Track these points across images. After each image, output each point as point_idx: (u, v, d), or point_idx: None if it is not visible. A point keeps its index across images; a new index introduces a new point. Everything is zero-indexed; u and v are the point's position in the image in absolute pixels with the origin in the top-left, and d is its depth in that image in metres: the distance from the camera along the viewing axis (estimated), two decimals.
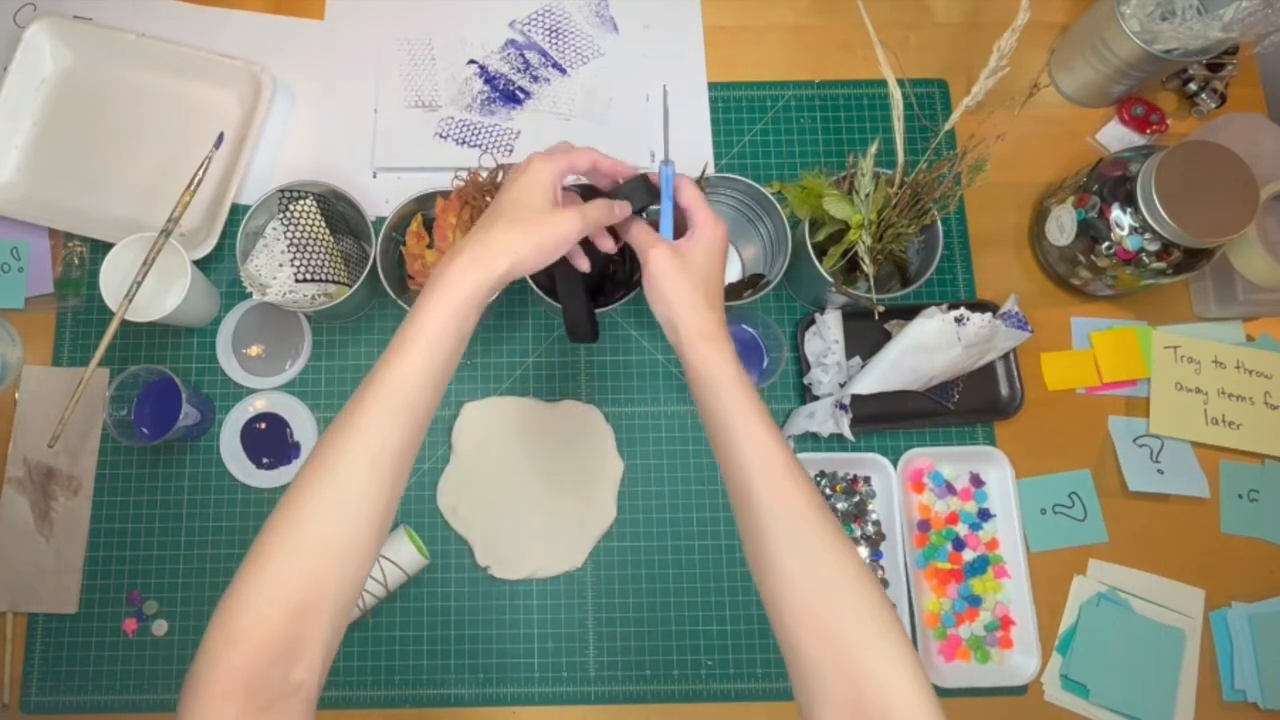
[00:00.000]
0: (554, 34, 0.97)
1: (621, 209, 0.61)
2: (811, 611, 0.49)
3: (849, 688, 0.47)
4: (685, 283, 0.58)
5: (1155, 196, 0.76)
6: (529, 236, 0.55)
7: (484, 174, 0.77)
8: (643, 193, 0.62)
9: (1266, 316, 0.91)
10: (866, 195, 0.77)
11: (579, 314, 0.70)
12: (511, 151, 0.93)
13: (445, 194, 0.79)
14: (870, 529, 0.85)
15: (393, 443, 0.50)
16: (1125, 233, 0.80)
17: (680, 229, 0.63)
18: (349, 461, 0.48)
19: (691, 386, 0.58)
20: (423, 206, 0.81)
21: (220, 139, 0.83)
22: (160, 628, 0.82)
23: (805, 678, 0.48)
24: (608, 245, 0.66)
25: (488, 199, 0.76)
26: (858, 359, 0.87)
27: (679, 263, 0.59)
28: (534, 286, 0.78)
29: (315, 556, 0.45)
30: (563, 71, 0.96)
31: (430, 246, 0.79)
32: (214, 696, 0.40)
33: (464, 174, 0.77)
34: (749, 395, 0.56)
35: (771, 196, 0.82)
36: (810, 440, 0.87)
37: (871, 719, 0.46)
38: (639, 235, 0.61)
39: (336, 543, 0.46)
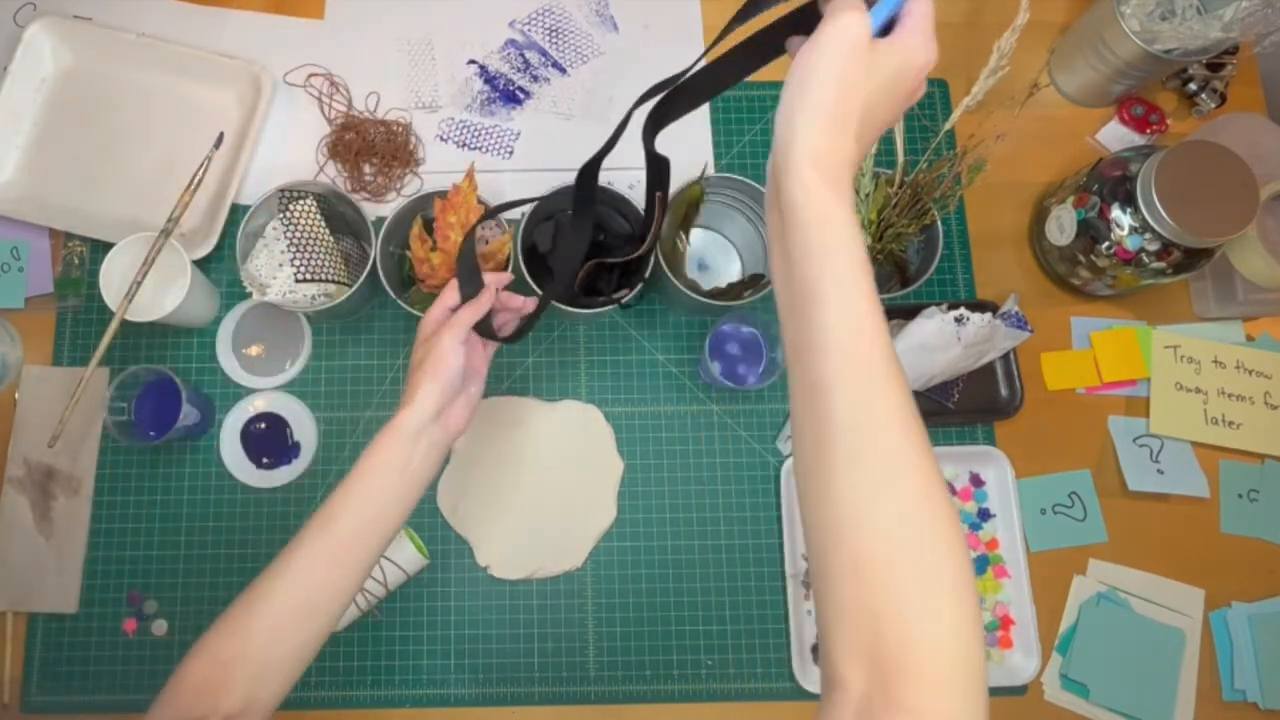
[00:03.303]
0: (554, 34, 0.97)
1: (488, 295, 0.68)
2: (854, 544, 0.41)
3: (870, 632, 0.39)
4: (850, 75, 0.44)
5: (1155, 196, 0.76)
6: (433, 375, 0.64)
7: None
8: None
9: (1266, 316, 0.91)
10: (866, 195, 0.77)
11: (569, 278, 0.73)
12: (512, 153, 0.93)
13: (443, 194, 0.79)
14: None
15: (310, 565, 0.59)
16: (1125, 233, 0.80)
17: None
18: (272, 569, 0.58)
19: (777, 234, 0.46)
20: (422, 207, 0.81)
21: (220, 139, 0.82)
22: (160, 628, 0.82)
23: (827, 617, 0.41)
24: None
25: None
26: None
27: (864, 47, 0.44)
28: (534, 287, 0.78)
29: (232, 629, 0.57)
30: (563, 71, 0.96)
31: (434, 249, 0.79)
32: (161, 703, 0.55)
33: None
34: (857, 256, 0.44)
35: None
36: None
37: (887, 673, 0.38)
38: (837, 3, 0.45)
39: (246, 622, 0.57)
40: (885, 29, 0.46)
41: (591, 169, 0.69)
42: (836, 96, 0.44)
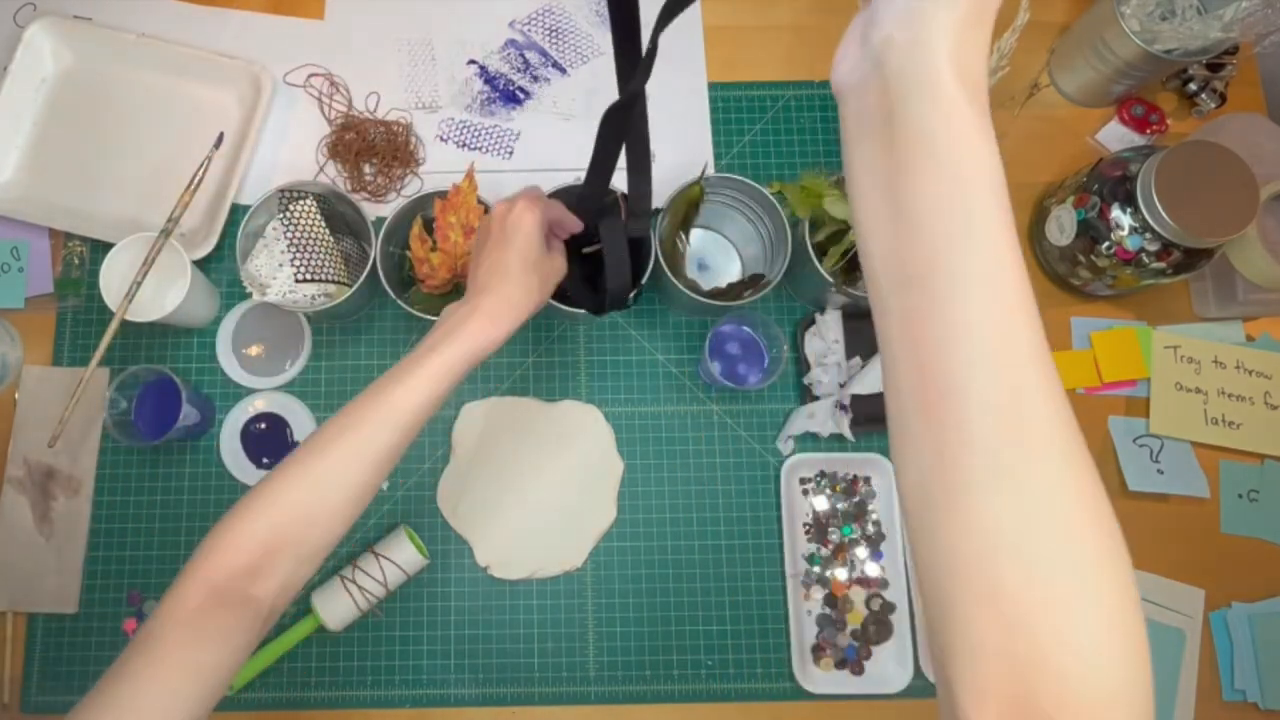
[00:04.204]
0: (554, 34, 0.97)
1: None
2: (996, 576, 0.32)
3: (1013, 676, 0.31)
4: None
5: (1155, 196, 0.76)
6: (535, 291, 0.61)
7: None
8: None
9: (1266, 316, 0.91)
10: None
11: (624, 278, 0.69)
12: (512, 154, 0.93)
13: (443, 194, 0.79)
14: (870, 529, 0.85)
15: (380, 447, 0.56)
16: (1125, 233, 0.80)
17: None
18: (338, 452, 0.56)
19: (881, 172, 0.35)
20: (422, 208, 0.81)
21: (220, 139, 0.82)
22: None
23: (951, 649, 0.33)
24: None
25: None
26: (858, 359, 0.87)
27: None
28: None
29: (289, 515, 0.54)
30: (563, 71, 0.96)
31: (434, 249, 0.79)
32: (192, 582, 0.52)
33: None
34: (1006, 202, 0.33)
35: (771, 196, 0.82)
36: (810, 440, 0.87)
37: None
38: None
39: (309, 510, 0.55)
40: None
41: (624, 109, 0.57)
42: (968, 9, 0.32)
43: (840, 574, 0.84)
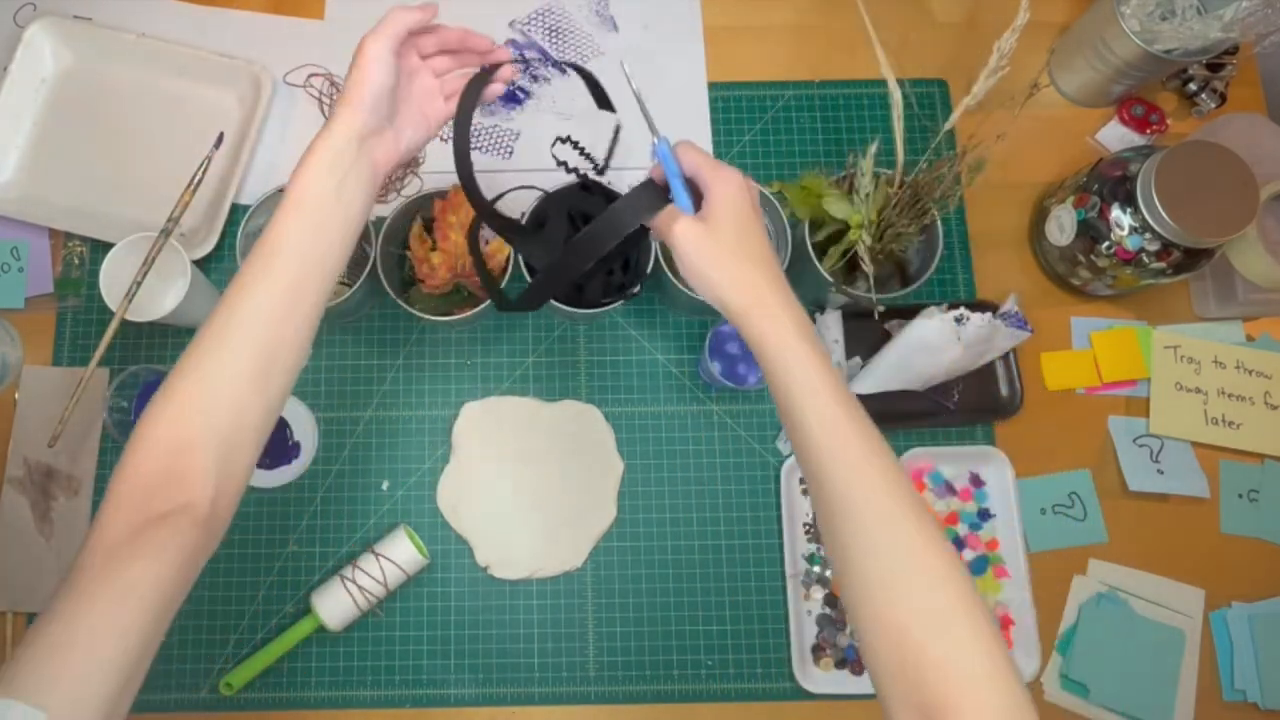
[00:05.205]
0: (554, 33, 0.97)
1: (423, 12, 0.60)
2: (883, 609, 0.48)
3: (913, 689, 0.45)
4: (718, 254, 0.54)
5: (1155, 196, 0.76)
6: (352, 93, 0.57)
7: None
8: (651, 195, 0.56)
9: (1266, 316, 0.91)
10: (866, 195, 0.77)
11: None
12: (512, 154, 0.93)
13: (443, 194, 0.79)
14: None
15: (271, 295, 0.53)
16: (1125, 233, 0.80)
17: (699, 199, 0.57)
18: (224, 314, 0.53)
19: (757, 360, 0.56)
20: (421, 207, 0.82)
21: (220, 139, 0.82)
22: None
23: (877, 677, 0.48)
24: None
25: None
26: (858, 359, 0.87)
27: (706, 235, 0.54)
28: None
29: (188, 402, 0.51)
30: (563, 71, 0.96)
31: (434, 249, 0.79)
32: (112, 507, 0.48)
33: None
34: (817, 367, 0.52)
35: (771, 196, 0.82)
36: None
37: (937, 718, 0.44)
38: (660, 221, 0.56)
39: (208, 387, 0.51)
40: (697, 199, 0.56)
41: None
42: (727, 266, 0.54)
43: None
